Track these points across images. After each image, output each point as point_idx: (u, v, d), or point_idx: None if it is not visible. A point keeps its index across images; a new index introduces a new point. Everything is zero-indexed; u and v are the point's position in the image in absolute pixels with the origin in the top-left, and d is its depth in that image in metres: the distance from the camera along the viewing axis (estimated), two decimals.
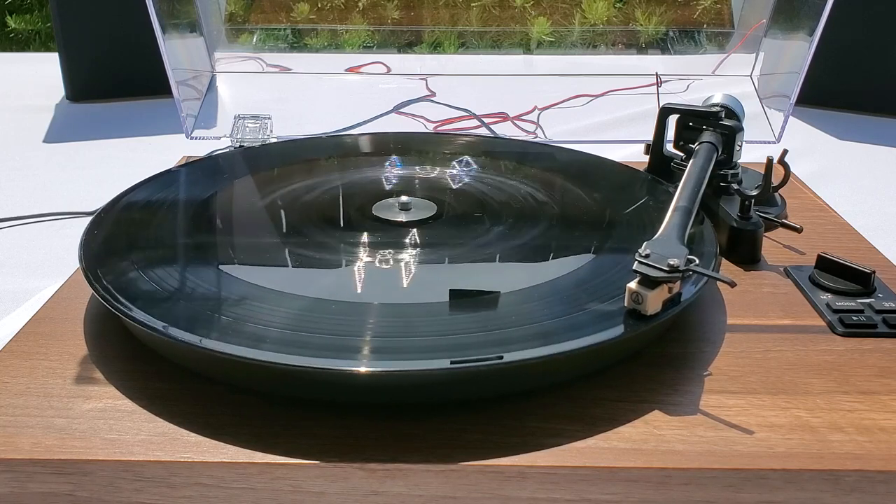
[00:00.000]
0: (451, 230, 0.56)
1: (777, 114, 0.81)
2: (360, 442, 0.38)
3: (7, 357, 0.44)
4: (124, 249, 0.51)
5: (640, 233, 0.52)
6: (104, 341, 0.46)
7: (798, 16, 0.81)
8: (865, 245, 0.59)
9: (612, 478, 0.36)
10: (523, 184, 0.64)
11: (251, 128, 0.78)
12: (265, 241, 0.56)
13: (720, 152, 0.60)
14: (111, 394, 0.41)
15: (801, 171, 0.82)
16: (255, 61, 1.03)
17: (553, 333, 0.42)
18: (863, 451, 0.38)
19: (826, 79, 1.08)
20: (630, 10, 1.09)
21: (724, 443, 0.38)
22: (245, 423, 0.39)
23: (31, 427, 0.39)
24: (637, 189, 0.62)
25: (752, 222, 0.56)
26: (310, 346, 0.40)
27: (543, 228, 0.57)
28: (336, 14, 1.07)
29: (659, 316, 0.42)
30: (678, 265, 0.42)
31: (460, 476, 0.36)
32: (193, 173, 0.66)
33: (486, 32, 1.11)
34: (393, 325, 0.43)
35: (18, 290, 0.65)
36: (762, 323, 0.49)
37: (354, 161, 0.70)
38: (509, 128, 0.91)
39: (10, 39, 2.33)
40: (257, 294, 0.46)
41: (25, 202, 0.82)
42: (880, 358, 0.45)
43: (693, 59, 1.05)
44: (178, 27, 0.83)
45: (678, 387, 0.42)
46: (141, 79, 1.13)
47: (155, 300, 0.45)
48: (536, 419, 0.39)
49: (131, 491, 0.37)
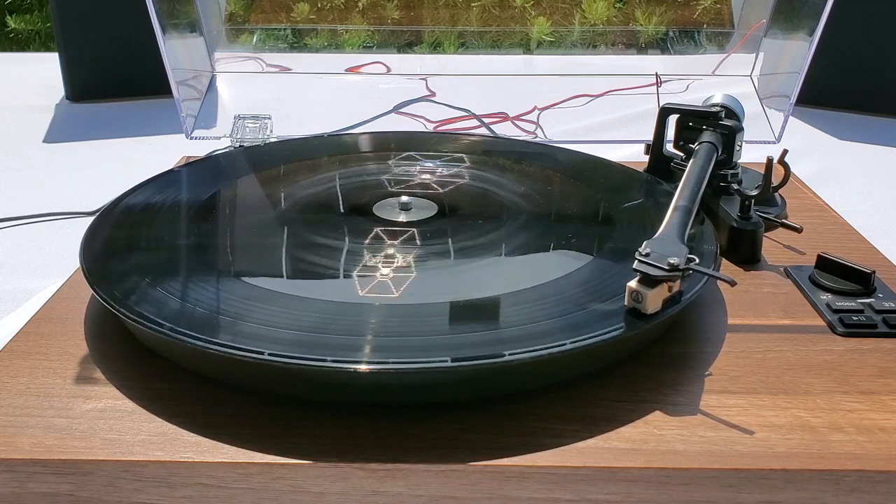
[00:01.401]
0: (451, 230, 0.56)
1: (777, 114, 0.81)
2: (360, 442, 0.38)
3: (7, 357, 0.44)
4: (124, 250, 0.51)
5: (640, 232, 0.52)
6: (104, 341, 0.46)
7: (798, 16, 0.81)
8: (865, 245, 0.59)
9: (612, 478, 0.36)
10: (523, 184, 0.64)
11: (251, 128, 0.78)
12: (265, 241, 0.56)
13: (720, 152, 0.60)
14: (111, 394, 0.41)
15: (801, 171, 0.82)
16: (255, 61, 1.03)
17: (553, 333, 0.42)
18: (863, 451, 0.38)
19: (826, 79, 1.08)
20: (630, 10, 1.09)
21: (724, 443, 0.38)
22: (245, 423, 0.39)
23: (31, 427, 0.39)
24: (637, 189, 0.62)
25: (752, 222, 0.56)
26: (310, 346, 0.40)
27: (543, 228, 0.57)
28: (336, 14, 1.07)
29: (659, 315, 0.42)
30: (678, 264, 0.42)
31: (460, 476, 0.36)
32: (194, 173, 0.66)
33: (486, 32, 1.11)
34: (393, 324, 0.43)
35: (18, 290, 0.65)
36: (762, 323, 0.49)
37: (355, 161, 0.70)
38: (509, 128, 0.91)
39: (10, 39, 2.33)
40: (257, 294, 0.46)
41: (25, 202, 0.82)
42: (880, 358, 0.45)
43: (693, 59, 1.05)
44: (178, 27, 0.83)
45: (678, 387, 0.42)
46: (141, 79, 1.13)
47: (155, 300, 0.44)
48: (536, 419, 0.39)
49: (131, 491, 0.37)
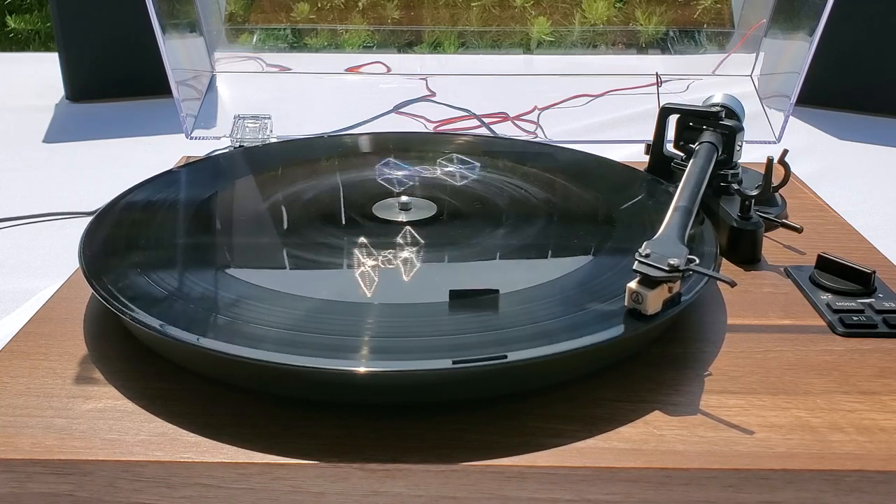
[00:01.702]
0: (451, 230, 0.56)
1: (777, 114, 0.81)
2: (360, 442, 0.38)
3: (7, 357, 0.44)
4: (124, 249, 0.51)
5: (640, 233, 0.52)
6: (104, 341, 0.46)
7: (798, 16, 0.81)
8: (866, 245, 0.59)
9: (612, 478, 0.36)
10: (523, 184, 0.64)
11: (251, 128, 0.78)
12: (265, 241, 0.56)
13: (720, 152, 0.60)
14: (111, 394, 0.41)
15: (802, 171, 0.82)
16: (255, 61, 1.03)
17: (553, 333, 0.42)
18: (863, 451, 0.38)
19: (826, 79, 1.08)
20: (630, 10, 1.09)
21: (724, 443, 0.38)
22: (245, 423, 0.39)
23: (31, 427, 0.39)
24: (637, 189, 0.62)
25: (753, 222, 0.56)
26: (310, 346, 0.40)
27: (543, 228, 0.57)
28: (336, 14, 1.07)
29: (659, 316, 0.42)
30: (678, 265, 0.42)
31: (460, 476, 0.36)
32: (194, 173, 0.66)
33: (486, 32, 1.11)
34: (393, 325, 0.43)
35: (18, 290, 0.65)
36: (762, 323, 0.49)
37: (355, 161, 0.70)
38: (509, 128, 0.91)
39: (9, 39, 2.33)
40: (257, 294, 0.46)
41: (25, 202, 0.82)
42: (880, 358, 0.45)
43: (693, 59, 1.05)
44: (178, 27, 0.83)
45: (678, 387, 0.42)
46: (141, 79, 1.13)
47: (155, 300, 0.44)
48: (536, 419, 0.39)
49: (131, 491, 0.37)
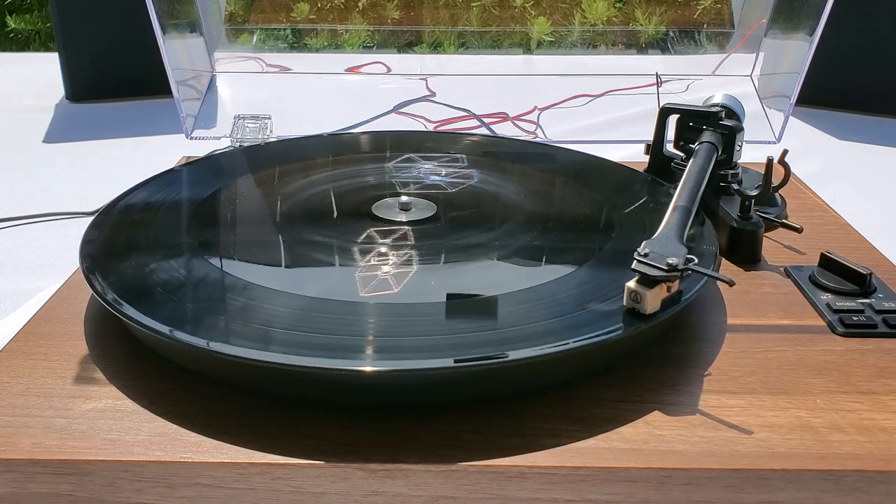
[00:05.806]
0: (451, 230, 0.56)
1: (777, 114, 0.81)
2: (360, 442, 0.38)
3: (7, 357, 0.44)
4: (124, 250, 0.51)
5: (639, 233, 0.52)
6: (104, 341, 0.46)
7: (798, 16, 0.81)
8: (866, 245, 0.59)
9: (612, 478, 0.36)
10: (523, 184, 0.64)
11: (251, 128, 0.78)
12: (265, 241, 0.56)
13: (720, 152, 0.60)
14: (111, 394, 0.41)
15: (802, 171, 0.82)
16: (255, 61, 1.03)
17: (553, 333, 0.42)
18: (863, 451, 0.38)
19: (826, 79, 1.08)
20: (630, 10, 1.09)
21: (724, 443, 0.38)
22: (245, 423, 0.39)
23: (31, 427, 0.39)
24: (637, 189, 0.62)
25: (753, 222, 0.56)
26: (310, 347, 0.40)
27: (543, 228, 0.57)
28: (336, 14, 1.07)
29: (658, 315, 0.42)
30: (677, 264, 0.42)
31: (460, 476, 0.36)
32: (194, 173, 0.66)
33: (486, 32, 1.11)
34: (393, 324, 0.43)
35: (18, 290, 0.65)
36: (762, 323, 0.49)
37: (355, 160, 0.70)
38: (509, 128, 0.91)
39: (10, 39, 2.33)
40: (257, 294, 0.46)
41: (25, 202, 0.82)
42: (880, 358, 0.45)
43: (693, 59, 1.05)
44: (178, 27, 0.83)
45: (678, 387, 0.42)
46: (141, 79, 1.13)
47: (155, 301, 0.44)
48: (536, 419, 0.39)
49: (131, 491, 0.37)
